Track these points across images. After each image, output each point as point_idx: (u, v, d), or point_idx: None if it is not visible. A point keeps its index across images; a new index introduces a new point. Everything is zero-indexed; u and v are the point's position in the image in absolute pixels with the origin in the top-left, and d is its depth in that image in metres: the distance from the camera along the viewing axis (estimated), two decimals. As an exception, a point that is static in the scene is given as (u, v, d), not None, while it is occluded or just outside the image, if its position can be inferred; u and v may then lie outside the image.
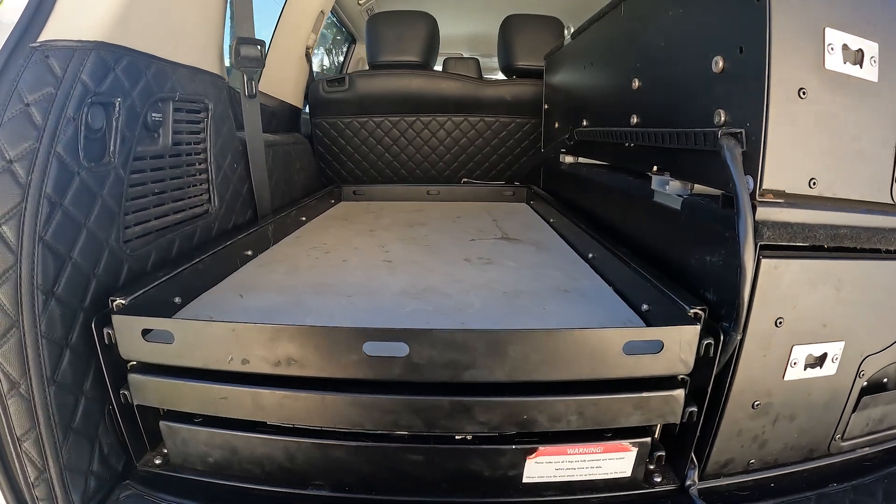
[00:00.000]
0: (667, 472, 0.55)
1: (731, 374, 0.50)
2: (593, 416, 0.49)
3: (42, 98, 0.55)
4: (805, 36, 0.45)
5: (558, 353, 0.47)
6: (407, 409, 0.48)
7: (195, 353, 0.51)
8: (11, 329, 0.53)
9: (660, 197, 0.64)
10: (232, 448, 0.55)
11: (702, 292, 0.54)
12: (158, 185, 0.72)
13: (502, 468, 0.51)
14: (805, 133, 0.47)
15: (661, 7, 0.62)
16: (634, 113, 0.70)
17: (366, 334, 0.46)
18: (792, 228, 0.47)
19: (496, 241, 0.94)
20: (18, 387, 0.51)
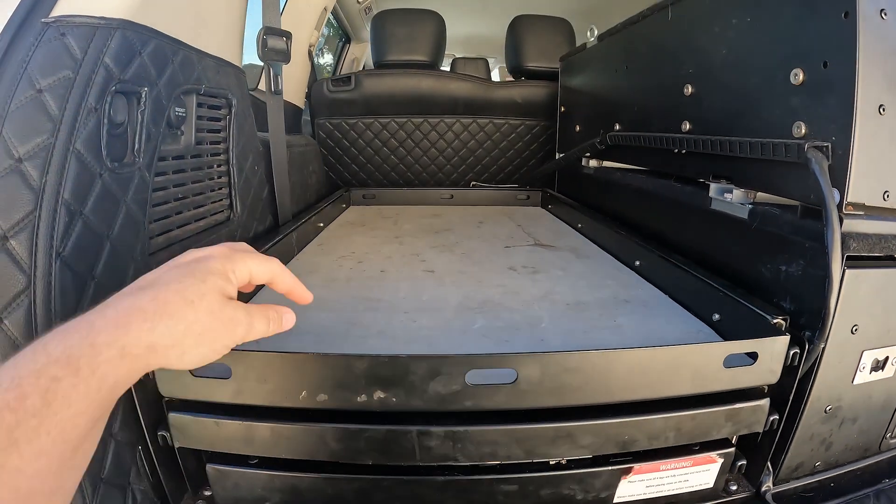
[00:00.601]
0: (740, 479, 0.56)
1: (812, 382, 0.51)
2: (689, 431, 0.49)
3: (58, 83, 0.46)
4: (885, 54, 0.47)
5: (663, 370, 0.46)
6: (508, 439, 0.45)
7: (258, 390, 0.45)
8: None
9: (719, 205, 0.65)
10: (295, 491, 0.49)
11: (776, 301, 0.55)
12: (181, 189, 0.64)
13: (595, 490, 0.50)
14: (882, 147, 0.48)
15: (724, 15, 0.62)
16: (686, 119, 0.71)
17: (469, 362, 0.42)
18: (871, 239, 0.49)
19: (531, 247, 0.92)
20: (38, 437, 0.43)
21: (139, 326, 0.30)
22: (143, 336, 0.30)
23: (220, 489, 0.50)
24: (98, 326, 0.29)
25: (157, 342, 0.30)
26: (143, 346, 0.30)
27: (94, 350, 0.28)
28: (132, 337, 0.30)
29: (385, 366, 0.42)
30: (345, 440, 0.45)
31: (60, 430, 0.27)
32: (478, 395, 0.43)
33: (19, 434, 0.25)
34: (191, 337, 0.32)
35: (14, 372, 0.27)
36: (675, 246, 0.77)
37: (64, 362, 0.27)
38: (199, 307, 0.33)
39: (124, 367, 0.29)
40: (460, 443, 0.45)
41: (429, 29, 1.47)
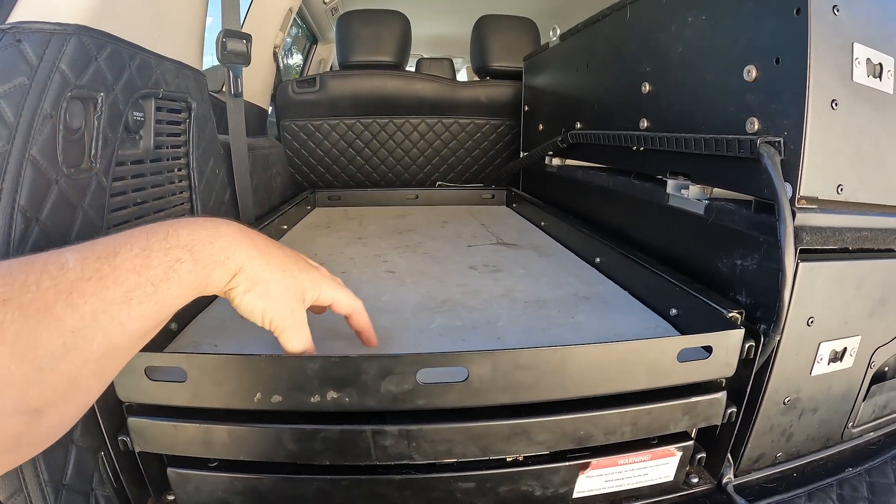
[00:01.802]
0: (702, 472, 0.56)
1: (768, 374, 0.51)
2: (646, 425, 0.49)
3: (13, 90, 0.46)
4: (837, 50, 0.47)
5: (618, 365, 0.46)
6: (463, 437, 0.45)
7: (214, 392, 0.45)
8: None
9: (676, 201, 0.66)
10: (256, 492, 0.49)
11: (732, 295, 0.56)
12: (140, 193, 0.63)
13: (554, 486, 0.50)
14: (835, 142, 0.49)
15: (680, 13, 0.63)
16: (644, 117, 0.71)
17: (420, 361, 0.42)
18: (825, 232, 0.50)
19: (494, 246, 0.92)
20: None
21: (245, 250, 0.37)
22: (243, 259, 0.37)
23: (183, 493, 0.50)
24: (221, 231, 0.36)
25: (246, 268, 0.37)
26: (238, 264, 0.37)
27: (212, 248, 0.35)
28: (237, 252, 0.37)
29: (337, 366, 0.42)
30: (301, 441, 0.45)
31: (164, 303, 0.32)
32: (430, 393, 0.43)
33: (135, 295, 0.30)
34: (262, 287, 0.39)
35: (146, 243, 0.31)
36: (636, 242, 0.77)
37: (189, 249, 0.33)
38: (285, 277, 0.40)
39: (218, 273, 0.36)
40: (415, 441, 0.45)
41: (394, 29, 1.46)
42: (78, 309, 0.27)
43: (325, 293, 0.45)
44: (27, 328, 0.25)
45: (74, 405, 0.30)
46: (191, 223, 0.35)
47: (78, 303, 0.27)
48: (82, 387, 0.29)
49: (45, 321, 0.26)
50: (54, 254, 0.29)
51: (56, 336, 0.26)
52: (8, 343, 0.25)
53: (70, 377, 0.27)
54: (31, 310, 0.26)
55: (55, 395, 0.27)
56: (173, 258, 0.32)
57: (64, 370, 0.27)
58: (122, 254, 0.30)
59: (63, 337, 0.26)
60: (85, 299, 0.27)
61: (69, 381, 0.27)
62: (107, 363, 0.30)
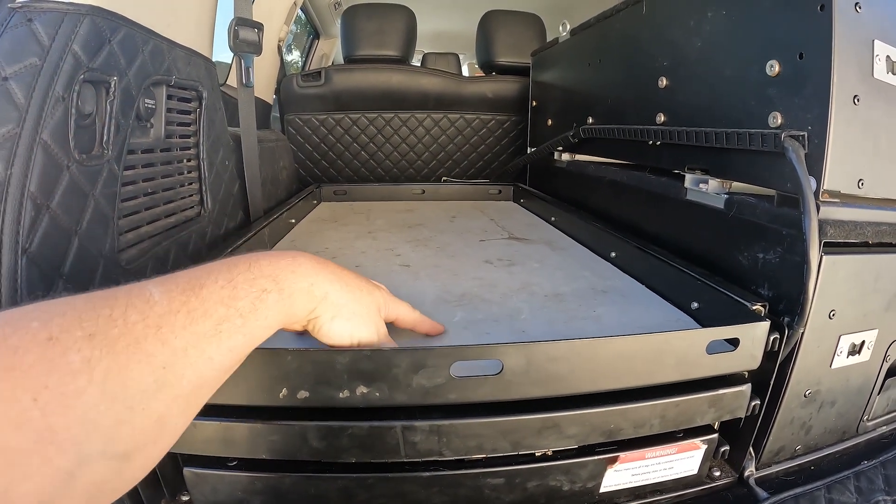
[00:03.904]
0: (723, 466, 0.56)
1: (792, 366, 0.52)
2: (674, 418, 0.49)
3: (24, 71, 0.44)
4: (859, 46, 0.48)
5: (648, 357, 0.46)
6: (494, 431, 0.44)
7: (237, 388, 0.43)
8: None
9: (694, 195, 0.66)
10: (276, 492, 0.48)
11: (753, 289, 0.56)
12: (150, 183, 0.61)
13: (582, 480, 0.49)
14: (856, 137, 0.49)
15: (699, 8, 0.63)
16: (661, 111, 0.71)
17: (455, 353, 0.41)
18: (847, 226, 0.50)
19: (506, 241, 0.92)
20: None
21: (326, 276, 0.38)
22: (326, 284, 0.38)
23: (199, 493, 0.48)
24: (299, 261, 0.36)
25: (331, 294, 0.38)
26: (323, 291, 0.37)
27: (294, 276, 0.35)
28: (320, 279, 0.37)
29: (367, 360, 0.41)
30: (327, 438, 0.44)
31: (253, 334, 0.31)
32: (463, 387, 0.42)
33: (225, 328, 0.29)
34: (348, 310, 0.40)
35: (229, 275, 0.31)
36: (651, 237, 0.77)
37: (273, 279, 0.33)
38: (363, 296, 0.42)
39: (305, 300, 0.36)
40: (445, 437, 0.44)
41: (399, 24, 1.46)
42: (168, 343, 0.26)
43: (392, 309, 0.46)
44: (117, 365, 0.24)
45: (159, 447, 0.28)
46: (269, 255, 0.35)
47: (168, 337, 0.26)
48: (169, 427, 0.28)
49: (136, 357, 0.25)
50: (136, 287, 0.28)
51: (147, 373, 0.25)
52: (97, 381, 0.23)
53: (159, 417, 0.26)
54: (119, 345, 0.24)
55: (144, 437, 0.26)
56: (259, 288, 0.32)
57: (154, 409, 0.26)
58: (207, 286, 0.29)
59: (154, 374, 0.25)
60: (175, 333, 0.26)
61: (158, 422, 0.26)
62: (194, 400, 0.29)
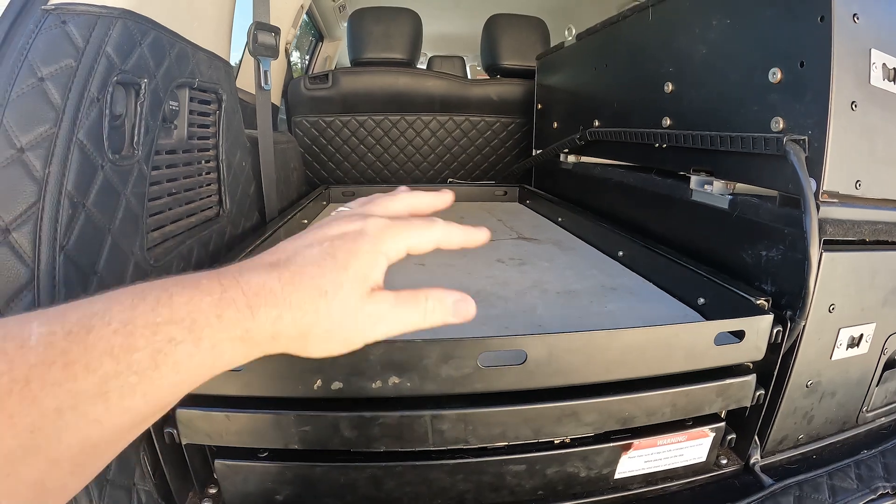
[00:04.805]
0: (730, 454, 0.59)
1: (794, 358, 0.55)
2: (684, 407, 0.51)
3: (60, 72, 0.45)
4: (857, 55, 0.51)
5: (660, 348, 0.48)
6: (517, 419, 0.47)
7: (271, 381, 0.45)
8: (31, 367, 0.43)
9: (699, 196, 0.69)
10: (306, 482, 0.50)
11: (757, 285, 0.59)
12: (174, 184, 0.63)
13: (598, 467, 0.52)
14: (854, 141, 0.52)
15: (704, 16, 0.66)
16: (667, 115, 0.74)
17: (482, 345, 0.44)
18: (845, 225, 0.53)
19: (515, 241, 0.95)
20: (41, 438, 0.42)
21: (266, 312, 0.26)
22: (269, 325, 0.26)
23: (229, 484, 0.50)
24: (228, 297, 0.26)
25: (282, 332, 0.27)
26: (266, 335, 0.26)
27: (220, 324, 0.25)
28: (257, 323, 0.26)
29: (400, 351, 0.43)
30: (359, 427, 0.46)
31: (157, 395, 0.24)
32: (489, 376, 0.44)
33: (113, 386, 0.22)
34: (318, 332, 0.28)
35: (128, 315, 0.23)
36: (658, 236, 0.80)
37: (187, 327, 0.24)
38: (332, 300, 0.28)
39: (243, 350, 0.26)
40: (472, 425, 0.46)
41: (406, 27, 1.49)
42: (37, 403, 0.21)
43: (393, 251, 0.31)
44: None
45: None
46: (190, 285, 0.25)
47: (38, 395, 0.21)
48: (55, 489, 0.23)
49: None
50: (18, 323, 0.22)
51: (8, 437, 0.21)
52: None
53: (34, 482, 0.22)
54: None
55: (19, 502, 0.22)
56: (164, 338, 0.23)
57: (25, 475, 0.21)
58: (97, 329, 0.22)
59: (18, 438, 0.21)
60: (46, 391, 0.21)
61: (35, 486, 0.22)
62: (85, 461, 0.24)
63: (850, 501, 0.55)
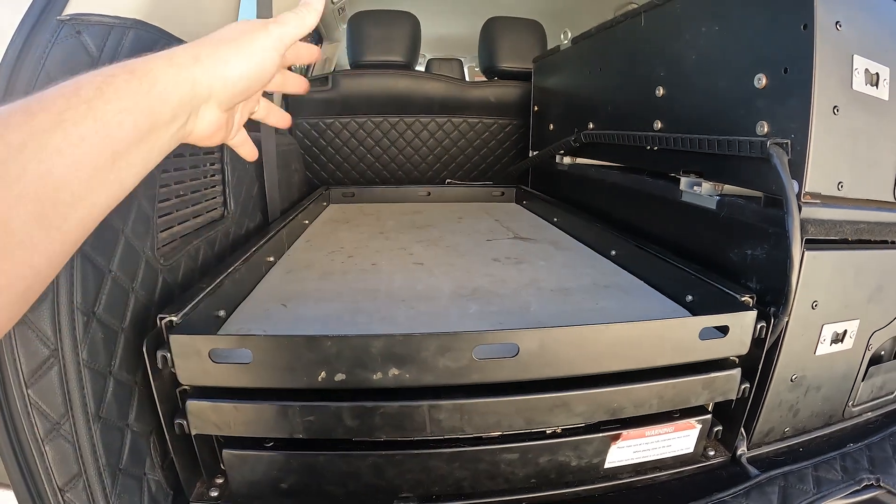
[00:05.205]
0: (717, 446, 0.61)
1: (778, 352, 0.57)
2: (671, 398, 0.54)
3: None
4: (839, 61, 0.53)
5: (647, 342, 0.51)
6: (510, 409, 0.49)
7: (278, 373, 0.48)
8: (50, 359, 0.46)
9: (689, 197, 0.71)
10: (311, 470, 0.52)
11: (743, 282, 0.61)
12: (181, 185, 0.65)
13: (588, 456, 0.54)
14: (836, 143, 0.55)
15: (694, 23, 0.68)
16: (658, 118, 0.77)
17: (477, 338, 0.46)
18: (827, 225, 0.55)
19: (512, 240, 0.97)
20: (59, 428, 0.44)
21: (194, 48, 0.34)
22: (189, 49, 0.34)
23: (237, 474, 0.52)
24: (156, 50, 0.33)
25: (200, 52, 0.34)
26: (188, 56, 0.33)
27: (151, 58, 0.32)
28: (180, 50, 0.33)
29: (400, 344, 0.45)
30: (361, 417, 0.48)
31: (106, 122, 0.28)
32: (484, 368, 0.47)
33: (68, 116, 0.26)
34: (226, 44, 0.36)
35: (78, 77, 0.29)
36: (649, 236, 0.82)
37: (123, 66, 0.30)
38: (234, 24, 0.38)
39: (172, 73, 0.32)
40: (467, 415, 0.49)
41: (404, 30, 1.51)
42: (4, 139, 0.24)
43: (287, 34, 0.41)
44: None
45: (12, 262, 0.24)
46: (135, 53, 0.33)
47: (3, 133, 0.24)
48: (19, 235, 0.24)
49: None
50: None
51: None
52: None
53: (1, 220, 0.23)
54: None
55: None
56: (105, 75, 0.29)
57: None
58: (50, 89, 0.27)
59: None
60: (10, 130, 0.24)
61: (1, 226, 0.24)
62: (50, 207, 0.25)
63: (834, 492, 0.57)
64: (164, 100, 0.32)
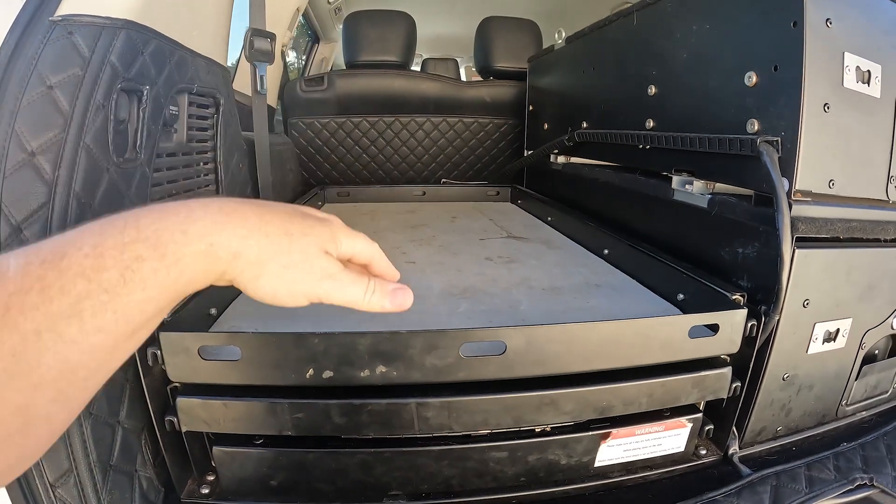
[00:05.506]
0: (709, 445, 0.61)
1: (769, 351, 0.56)
2: (660, 397, 0.53)
3: (67, 80, 0.48)
4: (830, 58, 0.53)
5: (636, 340, 0.50)
6: (498, 407, 0.49)
7: (267, 370, 0.48)
8: (39, 355, 0.46)
9: (681, 196, 0.71)
10: (300, 467, 0.52)
11: (734, 280, 0.61)
12: (173, 185, 0.66)
13: (578, 455, 0.54)
14: (827, 141, 0.54)
15: (685, 22, 0.68)
16: (650, 117, 0.77)
17: (463, 335, 0.46)
18: (818, 223, 0.55)
19: (505, 240, 0.97)
20: (50, 423, 0.44)
21: (234, 231, 0.29)
22: (234, 241, 0.28)
23: (227, 471, 0.52)
24: (196, 215, 0.28)
25: (244, 253, 0.29)
26: (229, 251, 0.28)
27: (185, 238, 0.27)
28: (224, 237, 0.28)
29: (387, 341, 0.46)
30: (349, 414, 0.48)
31: (126, 312, 0.26)
32: (471, 366, 0.47)
33: (86, 306, 0.24)
34: (275, 265, 0.30)
35: (98, 239, 0.25)
36: (642, 234, 0.82)
37: (152, 243, 0.26)
38: (294, 242, 0.31)
39: (204, 265, 0.28)
40: (455, 413, 0.49)
41: (400, 30, 1.52)
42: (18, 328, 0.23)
43: (345, 245, 0.35)
44: None
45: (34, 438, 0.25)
46: (158, 209, 0.28)
47: (17, 320, 0.23)
48: (39, 416, 0.24)
49: None
50: None
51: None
52: None
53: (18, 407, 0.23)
54: None
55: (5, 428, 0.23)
56: (131, 256, 0.26)
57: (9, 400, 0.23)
58: (70, 255, 0.25)
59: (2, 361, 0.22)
60: (25, 315, 0.23)
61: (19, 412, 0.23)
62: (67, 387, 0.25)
63: (827, 491, 0.57)
64: (192, 285, 0.28)
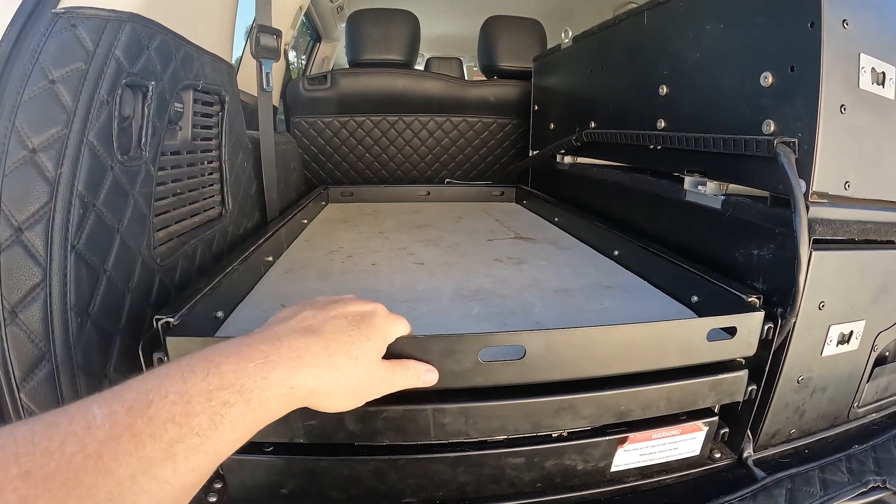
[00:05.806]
0: (723, 448, 0.61)
1: (785, 354, 0.56)
2: (678, 400, 0.53)
3: (70, 75, 0.47)
4: (846, 59, 0.53)
5: (654, 343, 0.50)
6: (516, 413, 0.48)
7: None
8: (41, 362, 0.45)
9: (693, 197, 0.70)
10: (311, 475, 0.51)
11: (749, 283, 0.61)
12: (178, 184, 0.64)
13: (594, 460, 0.53)
14: (843, 143, 0.54)
15: (698, 21, 0.68)
16: (661, 117, 0.76)
17: (482, 340, 0.45)
18: (834, 224, 0.55)
19: (513, 240, 0.96)
20: (52, 432, 0.43)
21: (309, 372, 0.32)
22: (311, 381, 0.32)
23: (235, 479, 0.51)
24: (272, 361, 0.31)
25: (319, 389, 0.33)
26: (307, 390, 0.32)
27: (266, 384, 0.30)
28: (301, 380, 0.32)
29: (404, 346, 0.44)
30: (363, 421, 0.47)
31: (217, 451, 0.27)
32: (489, 371, 0.46)
33: (179, 449, 0.26)
34: (346, 390, 0.35)
35: (182, 386, 0.27)
36: (652, 236, 0.82)
37: (237, 390, 0.29)
38: (360, 365, 0.35)
39: (285, 403, 0.32)
40: (472, 419, 0.48)
41: (404, 29, 1.51)
42: (113, 473, 0.24)
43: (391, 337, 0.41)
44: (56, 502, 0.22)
45: None
46: (234, 355, 0.30)
47: (112, 466, 0.24)
48: None
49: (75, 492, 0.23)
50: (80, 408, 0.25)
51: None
52: None
53: None
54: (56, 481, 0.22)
55: None
56: (219, 402, 0.28)
57: None
58: (156, 402, 0.26)
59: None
60: (119, 461, 0.24)
61: None
62: None
63: (840, 494, 0.56)
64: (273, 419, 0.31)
